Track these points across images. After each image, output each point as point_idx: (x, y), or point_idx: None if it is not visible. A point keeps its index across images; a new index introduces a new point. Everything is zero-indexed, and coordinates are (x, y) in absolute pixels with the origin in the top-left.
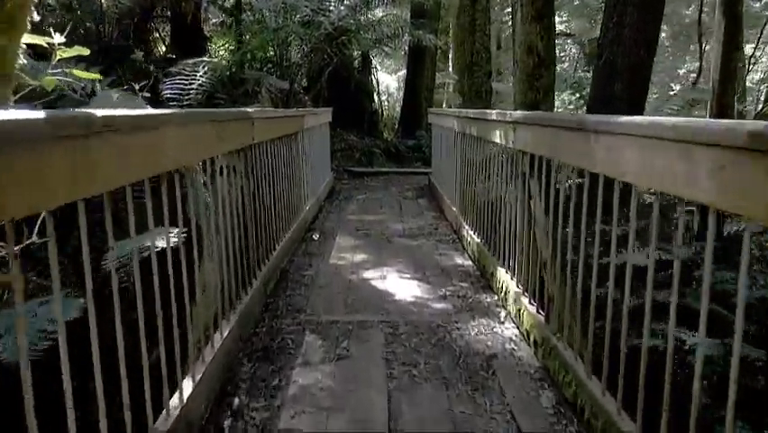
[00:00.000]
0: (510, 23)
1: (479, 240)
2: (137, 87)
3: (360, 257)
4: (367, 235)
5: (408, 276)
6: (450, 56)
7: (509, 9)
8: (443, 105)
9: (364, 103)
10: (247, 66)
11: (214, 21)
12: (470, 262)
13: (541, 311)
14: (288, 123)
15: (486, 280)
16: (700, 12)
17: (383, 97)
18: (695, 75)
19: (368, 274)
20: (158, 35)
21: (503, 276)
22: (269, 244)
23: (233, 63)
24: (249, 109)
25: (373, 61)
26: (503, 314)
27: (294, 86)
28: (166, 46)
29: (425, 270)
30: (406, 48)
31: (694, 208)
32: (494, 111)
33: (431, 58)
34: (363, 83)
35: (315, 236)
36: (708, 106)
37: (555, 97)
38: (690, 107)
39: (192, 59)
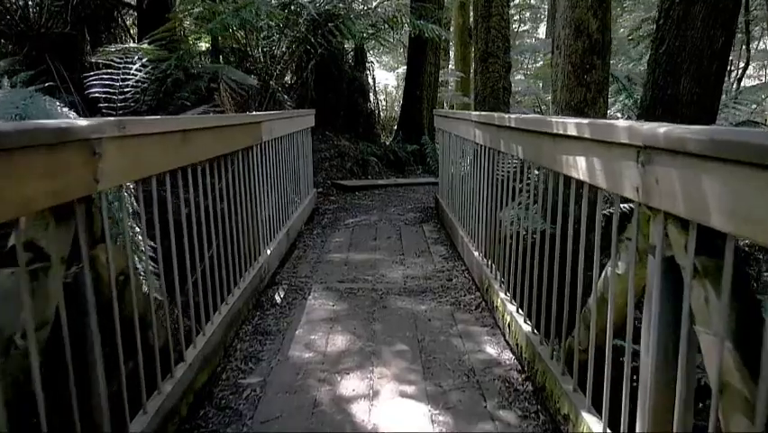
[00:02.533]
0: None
1: (528, 328)
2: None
3: (337, 343)
4: (352, 293)
5: (413, 393)
6: (451, 52)
7: None
8: (445, 106)
9: (358, 103)
10: (207, 59)
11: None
12: (510, 356)
13: None
14: (227, 136)
15: (549, 413)
16: None
17: (380, 97)
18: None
19: (348, 386)
20: (123, 24)
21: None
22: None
23: (185, 52)
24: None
25: (369, 56)
26: None
27: (271, 82)
28: (131, 37)
29: (440, 377)
30: (406, 41)
31: None
32: (569, 119)
33: (434, 51)
34: (357, 80)
35: (278, 296)
36: None
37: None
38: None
39: (120, 46)
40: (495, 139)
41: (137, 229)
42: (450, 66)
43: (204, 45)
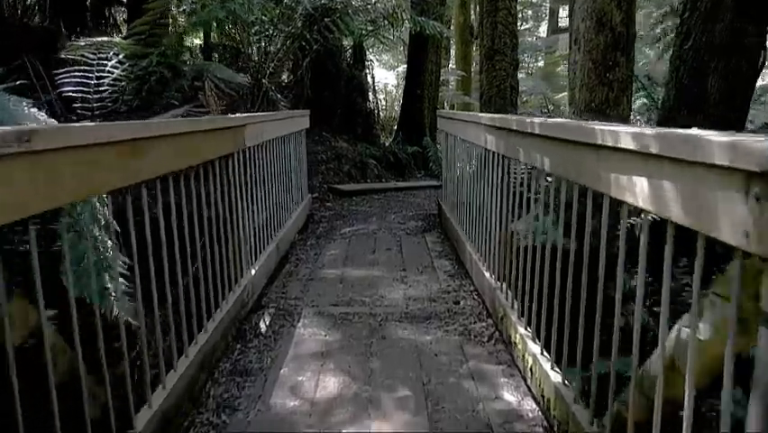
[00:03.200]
0: None
1: (557, 378)
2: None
3: (328, 386)
4: (347, 319)
5: None
6: (451, 51)
7: None
8: (445, 105)
9: (357, 102)
10: (197, 56)
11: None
12: (533, 407)
13: None
14: (197, 144)
15: None
16: None
17: (380, 96)
18: None
19: None
20: (114, 21)
21: None
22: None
23: (170, 48)
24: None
25: (368, 54)
26: None
27: (263, 81)
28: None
29: None
30: (406, 38)
31: None
32: (621, 126)
33: (435, 49)
34: (356, 79)
35: (264, 323)
36: None
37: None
38: None
39: (92, 40)
40: (512, 147)
41: (109, 243)
42: (450, 65)
43: (197, 42)
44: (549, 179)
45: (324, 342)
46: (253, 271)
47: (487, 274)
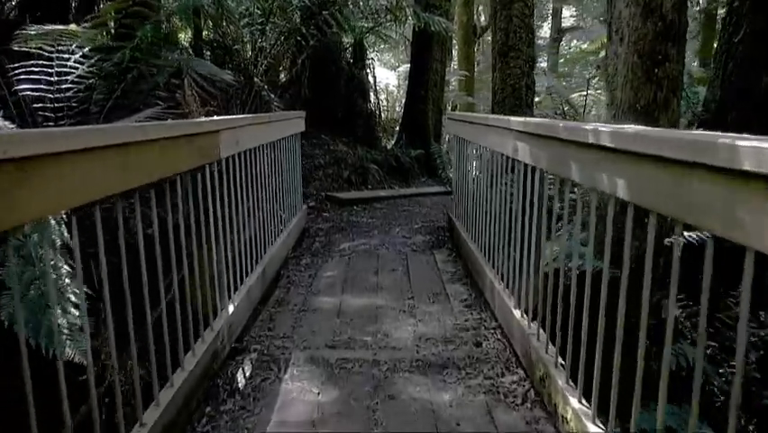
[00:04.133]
0: None
1: None
2: None
3: None
4: (345, 368)
5: None
6: (454, 51)
7: None
8: (448, 107)
9: (357, 103)
10: (183, 51)
11: None
12: None
13: None
14: (145, 158)
15: None
16: None
17: (381, 96)
18: None
19: None
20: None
21: None
22: None
23: (145, 40)
24: None
25: (369, 52)
26: None
27: (255, 79)
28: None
29: None
30: (409, 35)
31: None
32: None
33: (440, 47)
34: (357, 78)
35: (242, 375)
36: None
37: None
38: None
39: (47, 28)
40: (559, 161)
41: (63, 269)
42: (453, 65)
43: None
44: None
45: (316, 403)
46: (231, 308)
47: (516, 312)
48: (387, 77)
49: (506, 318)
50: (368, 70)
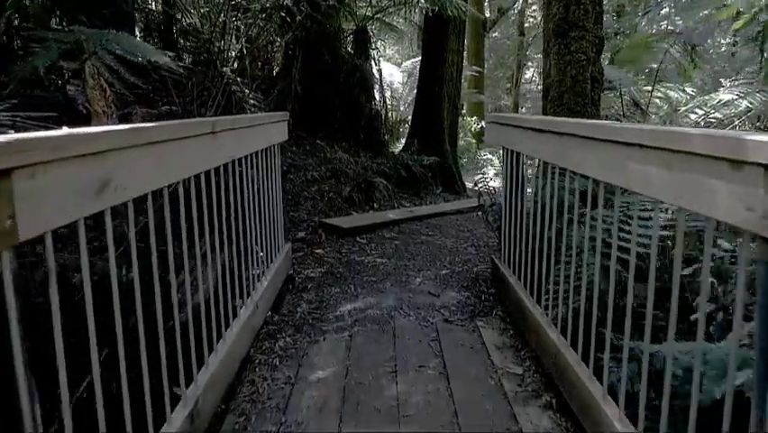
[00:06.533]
0: None
1: None
2: None
3: None
4: None
5: None
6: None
7: None
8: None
9: (360, 101)
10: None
11: None
12: None
13: None
14: None
15: None
16: None
17: (386, 93)
18: None
19: None
20: None
21: None
22: None
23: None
24: None
25: (373, 41)
26: None
27: (225, 69)
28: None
29: None
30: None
31: None
32: None
33: (457, 35)
34: (359, 71)
35: None
36: None
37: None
38: None
39: None
40: None
41: None
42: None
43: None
44: None
45: None
46: None
47: None
48: (391, 73)
49: None
50: (372, 62)
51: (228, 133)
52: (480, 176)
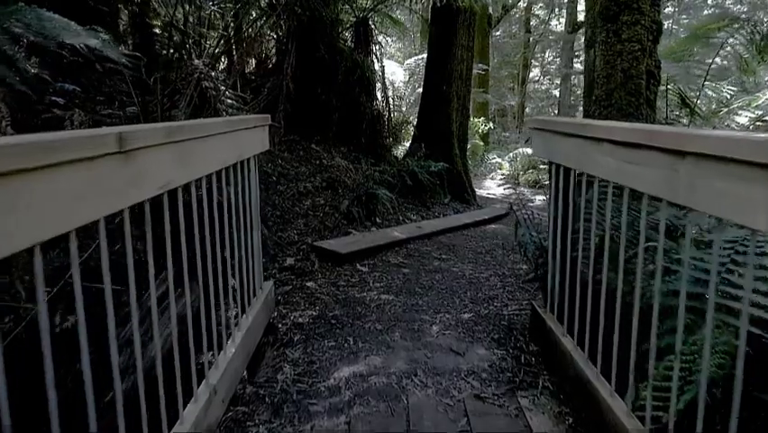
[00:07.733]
0: None
1: None
2: None
3: None
4: None
5: None
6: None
7: None
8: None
9: (360, 101)
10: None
11: None
12: None
13: None
14: None
15: None
16: None
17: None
18: None
19: None
20: None
21: None
22: None
23: None
24: None
25: (375, 33)
26: None
27: (197, 63)
28: None
29: None
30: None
31: None
32: None
33: (467, 29)
34: (359, 67)
35: None
36: None
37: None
38: None
39: None
40: None
41: None
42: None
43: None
44: None
45: None
46: None
47: None
48: (393, 71)
49: None
50: (374, 58)
51: (158, 150)
52: (512, 190)
